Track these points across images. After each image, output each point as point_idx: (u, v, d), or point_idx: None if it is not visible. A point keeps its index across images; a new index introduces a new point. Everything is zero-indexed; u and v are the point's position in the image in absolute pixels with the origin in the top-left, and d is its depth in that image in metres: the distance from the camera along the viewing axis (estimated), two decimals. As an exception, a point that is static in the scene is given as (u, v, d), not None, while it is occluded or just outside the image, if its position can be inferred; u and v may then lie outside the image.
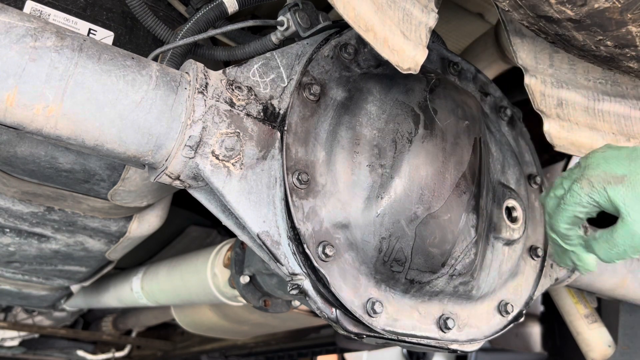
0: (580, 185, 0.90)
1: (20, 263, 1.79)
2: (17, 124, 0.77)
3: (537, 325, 2.29)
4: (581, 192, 0.90)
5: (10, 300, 2.25)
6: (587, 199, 0.89)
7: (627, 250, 0.87)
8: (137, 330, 3.42)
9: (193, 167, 0.87)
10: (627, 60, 0.88)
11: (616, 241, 0.87)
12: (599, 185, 0.87)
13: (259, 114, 0.92)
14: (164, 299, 2.08)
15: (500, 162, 1.20)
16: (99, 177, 1.28)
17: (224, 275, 1.64)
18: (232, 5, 1.05)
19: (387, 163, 0.97)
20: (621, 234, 0.86)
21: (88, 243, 1.65)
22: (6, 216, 1.48)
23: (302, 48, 1.01)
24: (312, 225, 0.92)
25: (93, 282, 2.11)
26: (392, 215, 0.96)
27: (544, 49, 1.10)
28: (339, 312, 0.96)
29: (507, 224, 1.16)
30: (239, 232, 0.98)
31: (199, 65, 0.89)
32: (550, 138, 1.05)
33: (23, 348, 3.27)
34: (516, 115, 1.30)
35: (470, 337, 1.09)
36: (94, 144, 0.82)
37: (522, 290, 1.20)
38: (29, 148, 1.18)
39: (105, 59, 0.81)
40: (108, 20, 1.17)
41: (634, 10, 0.76)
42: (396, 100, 1.01)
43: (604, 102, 1.10)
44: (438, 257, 1.00)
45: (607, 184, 0.86)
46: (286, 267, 0.92)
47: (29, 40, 0.75)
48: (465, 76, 1.23)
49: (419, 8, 0.94)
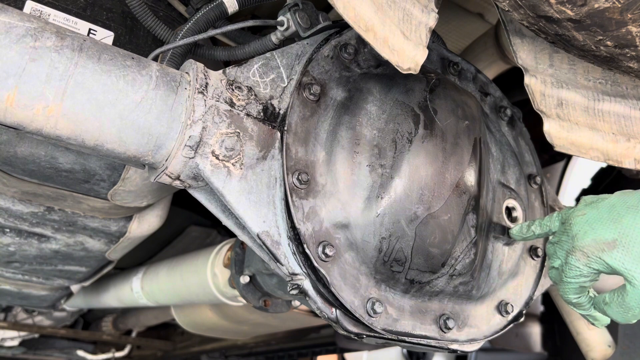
0: (575, 257, 0.91)
1: (20, 263, 1.79)
2: (17, 124, 0.77)
3: (537, 325, 2.28)
4: (578, 264, 0.91)
5: (10, 300, 2.25)
6: (586, 269, 0.90)
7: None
8: (137, 330, 3.42)
9: (193, 167, 0.87)
10: (627, 60, 0.88)
11: (629, 305, 0.87)
12: (594, 255, 0.88)
13: (259, 114, 0.92)
14: (164, 299, 2.08)
15: (500, 162, 1.20)
16: (99, 177, 1.28)
17: (224, 275, 1.64)
18: (232, 5, 1.05)
19: (387, 163, 0.97)
20: (633, 297, 0.86)
21: (88, 243, 1.65)
22: (6, 216, 1.48)
23: (302, 48, 1.01)
24: (312, 225, 0.92)
25: (93, 282, 2.11)
26: (392, 215, 0.96)
27: (544, 49, 1.10)
28: (339, 312, 0.96)
29: (507, 224, 1.16)
30: (239, 232, 0.98)
31: (199, 65, 0.89)
32: (550, 138, 1.04)
33: (23, 348, 3.27)
34: (516, 115, 1.30)
35: (470, 337, 1.09)
36: (94, 144, 0.82)
37: (522, 290, 1.20)
38: (29, 148, 1.18)
39: (105, 59, 0.81)
40: (108, 20, 1.17)
41: (634, 10, 0.76)
42: (396, 100, 1.01)
43: (604, 102, 1.10)
44: (438, 257, 1.00)
45: (601, 252, 0.87)
46: (286, 267, 0.92)
47: (29, 40, 0.75)
48: (465, 76, 1.23)
49: (419, 8, 0.94)
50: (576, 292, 0.95)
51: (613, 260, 0.86)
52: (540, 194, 1.29)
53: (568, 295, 0.96)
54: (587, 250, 0.89)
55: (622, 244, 0.85)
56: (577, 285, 0.93)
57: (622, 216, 0.87)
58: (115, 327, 3.30)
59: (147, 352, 3.64)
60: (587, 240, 0.89)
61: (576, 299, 0.96)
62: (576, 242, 0.91)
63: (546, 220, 1.03)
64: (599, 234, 0.88)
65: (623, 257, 0.85)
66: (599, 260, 0.88)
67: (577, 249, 0.90)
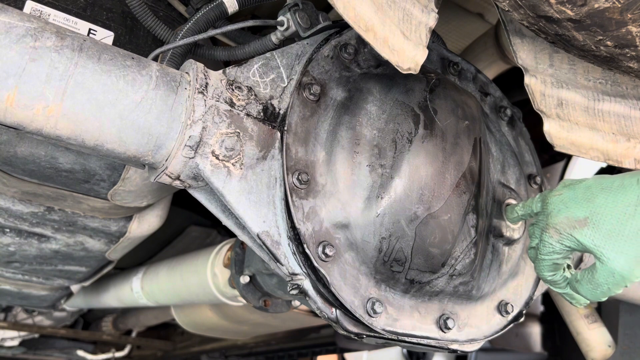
0: (549, 234, 0.93)
1: (20, 263, 1.79)
2: (17, 124, 0.77)
3: (537, 325, 2.28)
4: (551, 240, 0.93)
5: (10, 300, 2.25)
6: (559, 246, 0.93)
7: (610, 288, 0.89)
8: (137, 330, 3.42)
9: (193, 167, 0.87)
10: (627, 60, 0.88)
11: (598, 281, 0.89)
12: (565, 232, 0.91)
13: (259, 114, 0.92)
14: (164, 299, 2.08)
15: (500, 162, 1.20)
16: (99, 177, 1.28)
17: (224, 275, 1.64)
18: (232, 5, 1.05)
19: (387, 163, 0.97)
20: (601, 274, 0.88)
21: (88, 243, 1.65)
22: (6, 216, 1.48)
23: (302, 48, 1.01)
24: (312, 225, 0.92)
25: (93, 282, 2.11)
26: (392, 215, 0.96)
27: (544, 49, 1.10)
28: (339, 312, 0.96)
29: (507, 224, 1.16)
30: (239, 232, 0.98)
31: (199, 65, 0.89)
32: (550, 138, 1.04)
33: (23, 348, 3.27)
34: (516, 115, 1.30)
35: (470, 337, 1.09)
36: (94, 144, 0.82)
37: (522, 290, 1.20)
38: (29, 148, 1.18)
39: (105, 59, 0.81)
40: (108, 20, 1.17)
41: (634, 10, 0.76)
42: (396, 100, 1.01)
43: (604, 102, 1.10)
44: (438, 257, 1.00)
45: (573, 229, 0.90)
46: (286, 267, 0.92)
47: (29, 40, 0.75)
48: (465, 76, 1.23)
49: (419, 8, 0.94)
50: (550, 270, 0.97)
51: (583, 238, 0.88)
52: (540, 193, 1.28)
53: (543, 272, 0.98)
54: (560, 227, 0.91)
55: (593, 222, 0.87)
56: (551, 262, 0.95)
57: (595, 196, 0.89)
58: (115, 327, 3.30)
59: (147, 352, 3.64)
60: (560, 218, 0.92)
61: (551, 276, 0.98)
62: (550, 219, 0.93)
63: (529, 202, 1.06)
64: (572, 212, 0.90)
65: (593, 234, 0.87)
66: (571, 237, 0.90)
67: (551, 226, 0.93)
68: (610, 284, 0.88)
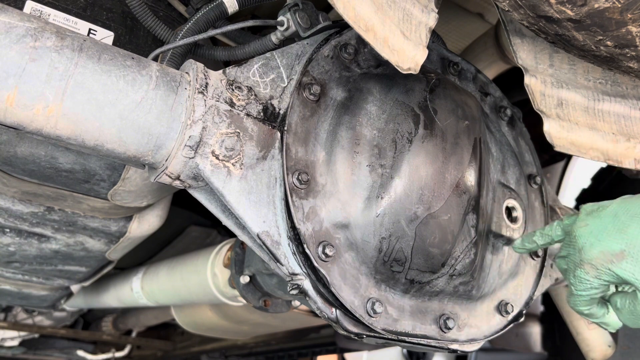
0: (584, 270, 0.91)
1: (20, 263, 1.79)
2: (17, 124, 0.77)
3: (537, 325, 2.29)
4: (587, 276, 0.91)
5: (10, 300, 2.25)
6: (597, 282, 0.90)
7: None
8: (137, 330, 3.42)
9: (193, 167, 0.87)
10: (627, 60, 0.88)
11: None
12: (603, 267, 0.88)
13: (259, 114, 0.92)
14: (164, 299, 2.08)
15: (500, 162, 1.20)
16: (99, 177, 1.28)
17: (224, 275, 1.64)
18: (232, 5, 1.05)
19: (387, 163, 0.97)
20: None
21: (88, 243, 1.65)
22: (6, 216, 1.48)
23: (302, 48, 1.01)
24: (312, 225, 0.92)
25: (93, 282, 2.11)
26: (392, 215, 0.96)
27: (544, 49, 1.10)
28: (339, 312, 0.96)
29: (507, 224, 1.16)
30: (239, 232, 0.98)
31: (199, 65, 0.89)
32: (550, 138, 1.04)
33: (23, 348, 3.27)
34: (516, 115, 1.30)
35: (470, 337, 1.09)
36: (94, 144, 0.82)
37: (522, 290, 1.20)
38: (29, 148, 1.18)
39: (106, 59, 0.81)
40: (108, 20, 1.17)
41: (634, 10, 0.76)
42: (396, 100, 1.01)
43: (604, 102, 1.10)
44: (438, 257, 1.00)
45: (610, 264, 0.87)
46: (286, 267, 0.92)
47: (29, 40, 0.75)
48: (465, 76, 1.23)
49: (419, 8, 0.94)
50: (587, 305, 0.95)
51: (623, 272, 0.86)
52: (540, 193, 1.29)
53: (579, 307, 0.96)
54: (596, 262, 0.89)
55: (631, 255, 0.85)
56: (588, 298, 0.94)
57: (627, 225, 0.87)
58: (115, 327, 3.30)
59: (147, 352, 3.64)
60: (594, 253, 0.89)
61: (587, 310, 0.96)
62: (583, 255, 0.90)
63: (547, 230, 1.04)
64: (606, 246, 0.88)
65: (633, 267, 0.85)
66: (609, 272, 0.88)
67: (585, 262, 0.90)
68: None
